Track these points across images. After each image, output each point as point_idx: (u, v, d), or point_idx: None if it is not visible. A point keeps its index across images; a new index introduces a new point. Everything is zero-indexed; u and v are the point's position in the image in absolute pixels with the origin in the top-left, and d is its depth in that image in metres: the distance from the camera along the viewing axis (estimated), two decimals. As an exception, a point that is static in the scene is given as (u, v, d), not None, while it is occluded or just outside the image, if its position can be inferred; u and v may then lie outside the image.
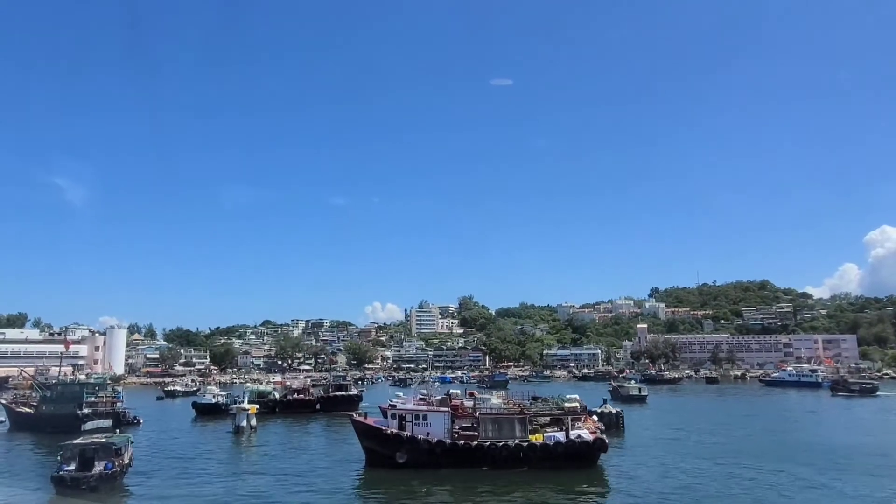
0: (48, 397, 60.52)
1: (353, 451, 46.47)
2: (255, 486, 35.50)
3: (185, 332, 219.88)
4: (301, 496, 33.04)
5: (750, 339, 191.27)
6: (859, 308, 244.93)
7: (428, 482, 34.19)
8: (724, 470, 37.56)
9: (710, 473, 36.80)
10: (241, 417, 56.34)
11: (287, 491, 34.10)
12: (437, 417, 38.45)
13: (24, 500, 32.04)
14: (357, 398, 78.49)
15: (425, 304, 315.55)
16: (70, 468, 32.16)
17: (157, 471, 39.58)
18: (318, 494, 33.74)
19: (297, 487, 34.92)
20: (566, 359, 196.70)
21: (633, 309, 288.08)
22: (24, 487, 34.47)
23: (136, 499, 32.23)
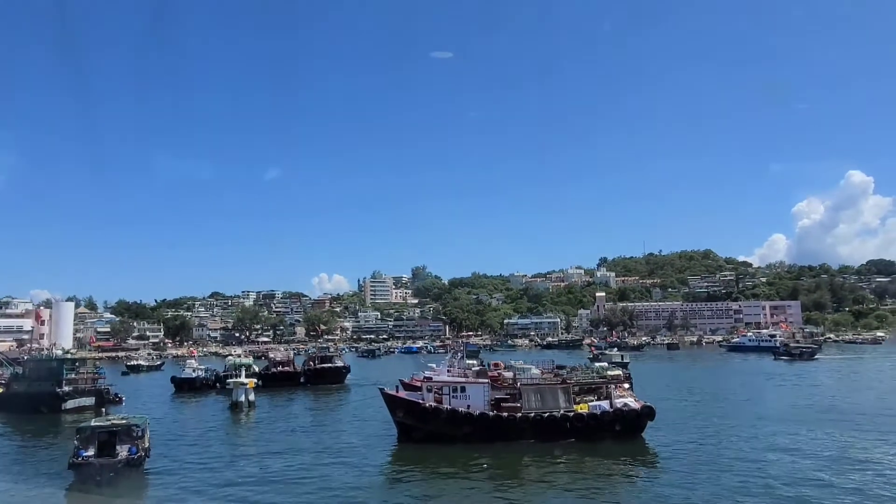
0: (21, 375, 55.93)
1: (372, 425, 45.05)
2: (291, 464, 33.36)
3: (134, 305, 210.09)
4: (344, 473, 31.22)
5: (702, 307, 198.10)
6: (795, 276, 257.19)
7: (470, 456, 32.97)
8: (763, 433, 37.82)
9: (750, 436, 37.00)
10: (238, 392, 53.48)
11: (328, 468, 32.18)
12: (477, 389, 37.12)
13: (45, 492, 29.21)
14: (345, 370, 76.37)
15: (378, 275, 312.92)
16: (89, 453, 29.11)
17: (171, 454, 36.80)
18: (358, 470, 32.11)
19: (336, 465, 33.07)
20: (527, 327, 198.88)
21: (584, 278, 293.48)
22: (32, 476, 31.36)
23: (172, 488, 29.32)
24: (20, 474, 32.15)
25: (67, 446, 39.65)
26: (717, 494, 25.70)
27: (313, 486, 28.68)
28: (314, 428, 45.11)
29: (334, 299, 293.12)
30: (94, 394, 54.62)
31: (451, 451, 34.22)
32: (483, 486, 28.42)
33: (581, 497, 26.37)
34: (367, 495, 27.62)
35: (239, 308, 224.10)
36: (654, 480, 28.50)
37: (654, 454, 33.50)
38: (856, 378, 75.75)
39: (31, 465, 34.98)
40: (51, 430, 47.45)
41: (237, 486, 29.00)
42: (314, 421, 48.51)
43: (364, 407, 55.86)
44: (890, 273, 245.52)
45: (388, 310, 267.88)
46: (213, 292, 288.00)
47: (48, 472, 32.21)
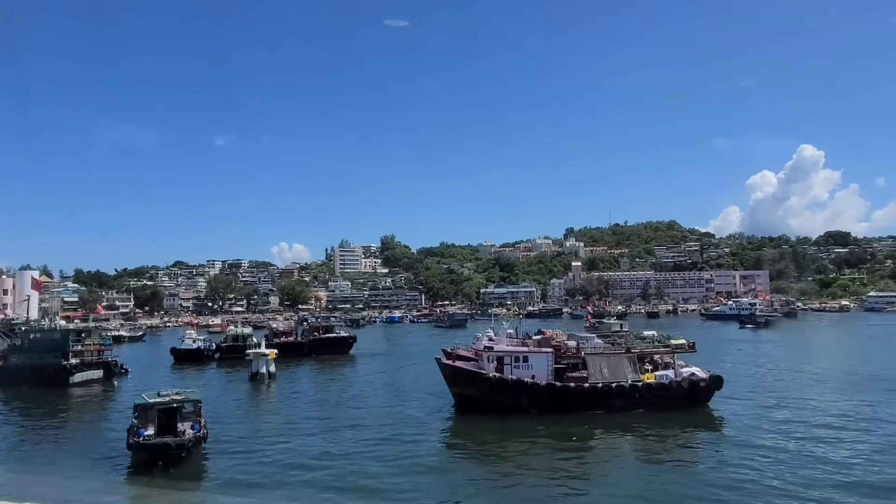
0: (20, 346, 52.10)
1: (413, 395, 43.62)
2: (350, 438, 31.49)
3: (97, 274, 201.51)
4: (415, 447, 29.74)
5: (675, 276, 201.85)
6: (757, 247, 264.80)
7: (536, 428, 32.00)
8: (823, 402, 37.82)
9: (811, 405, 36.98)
10: (259, 363, 51.05)
11: (396, 443, 30.44)
12: (540, 359, 35.92)
13: (107, 478, 26.68)
14: (351, 340, 74.29)
15: (346, 244, 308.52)
16: (149, 432, 26.71)
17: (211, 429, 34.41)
18: (425, 444, 30.70)
19: (397, 438, 31.29)
20: (503, 296, 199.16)
21: (553, 248, 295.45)
22: (82, 461, 28.69)
23: (235, 467, 27.07)
24: (67, 459, 29.37)
25: (98, 425, 37.42)
26: (789, 465, 25.28)
27: (383, 461, 27.13)
28: (351, 399, 43.16)
29: (302, 268, 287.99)
30: (101, 366, 51.43)
31: (516, 422, 33.13)
32: (552, 459, 27.37)
33: (658, 469, 25.70)
34: (442, 468, 26.58)
35: (212, 278, 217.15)
36: (729, 451, 27.67)
37: (724, 424, 32.98)
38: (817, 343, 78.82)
39: (71, 447, 32.06)
40: (67, 407, 44.48)
41: (303, 464, 27.05)
42: (345, 392, 46.52)
43: (387, 377, 54.40)
44: (846, 244, 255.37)
45: (358, 279, 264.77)
46: (176, 261, 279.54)
47: (97, 454, 29.50)
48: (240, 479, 25.88)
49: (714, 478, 23.79)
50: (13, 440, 33.98)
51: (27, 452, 31.07)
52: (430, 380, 49.69)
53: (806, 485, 22.62)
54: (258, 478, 25.69)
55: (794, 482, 22.90)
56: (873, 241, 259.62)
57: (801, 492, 21.92)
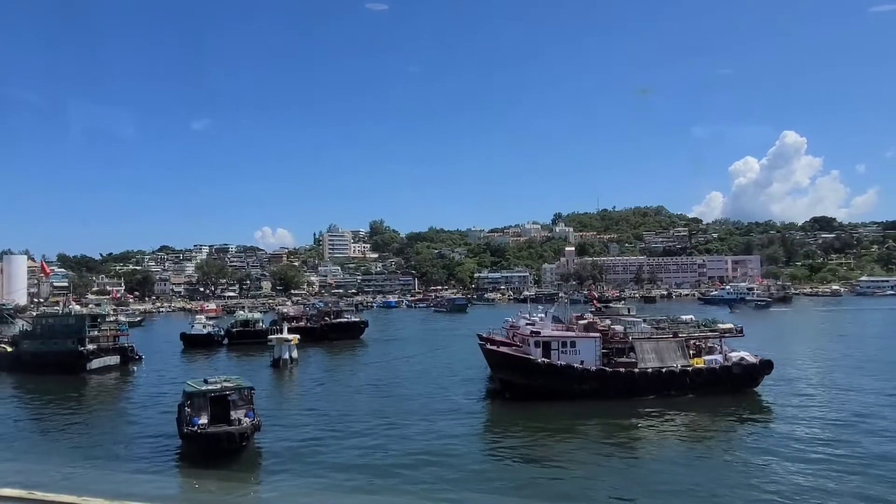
0: (32, 332, 50.35)
1: (443, 380, 42.89)
2: (401, 427, 30.47)
3: (83, 259, 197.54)
4: (466, 434, 29.17)
5: (668, 261, 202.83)
6: (745, 232, 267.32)
7: (586, 413, 31.54)
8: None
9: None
10: (282, 349, 49.85)
11: (445, 431, 29.60)
12: (588, 344, 35.25)
13: (161, 469, 25.55)
14: (363, 325, 73.21)
15: (335, 228, 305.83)
16: (203, 420, 25.61)
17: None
18: (474, 432, 30.03)
19: (451, 427, 30.40)
20: (497, 281, 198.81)
21: (542, 233, 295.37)
22: (128, 451, 27.50)
23: (289, 457, 26.04)
24: (110, 450, 28.13)
25: (130, 413, 36.09)
26: (844, 446, 25.09)
27: (435, 451, 26.18)
28: (386, 386, 42.10)
29: (291, 253, 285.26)
30: (118, 352, 49.92)
31: (565, 408, 32.55)
32: (603, 446, 26.86)
33: (712, 458, 25.22)
34: (493, 457, 25.92)
35: (203, 262, 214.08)
36: (785, 440, 27.17)
37: (778, 410, 32.63)
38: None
39: (108, 437, 30.76)
40: (89, 395, 43.09)
41: (354, 453, 26.13)
42: (376, 379, 45.42)
43: (415, 363, 53.37)
44: (832, 229, 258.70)
45: (348, 264, 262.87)
46: (162, 246, 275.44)
47: (141, 445, 28.36)
48: (296, 468, 24.97)
49: (771, 469, 23.18)
50: (44, 432, 32.61)
51: (63, 444, 29.79)
52: (461, 365, 49.17)
53: (863, 472, 22.16)
54: (312, 467, 24.81)
55: (850, 470, 22.45)
56: (858, 226, 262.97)
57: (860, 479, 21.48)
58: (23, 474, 24.49)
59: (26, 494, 4.49)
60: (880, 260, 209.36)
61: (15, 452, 28.35)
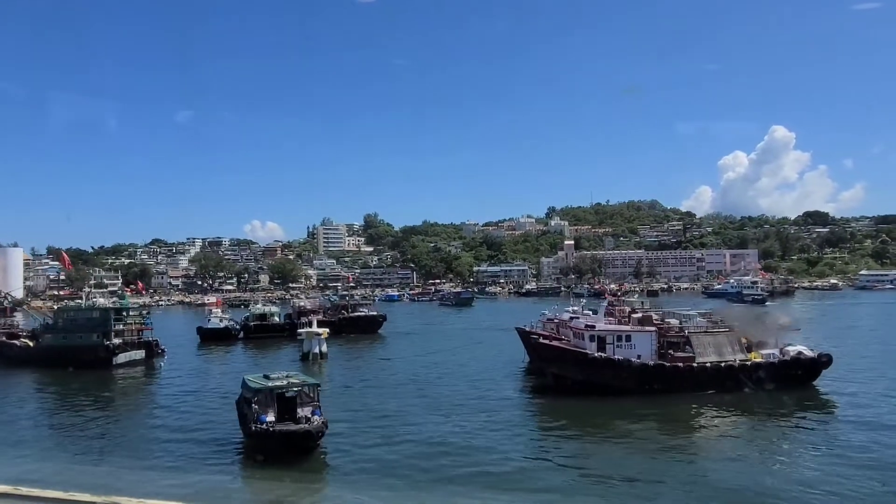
0: (54, 326, 48.87)
1: (485, 374, 42.04)
2: (452, 423, 29.56)
3: (77, 252, 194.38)
4: (520, 431, 28.53)
5: (667, 255, 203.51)
6: (739, 226, 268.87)
7: (642, 410, 30.80)
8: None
9: None
10: (312, 343, 48.79)
11: (497, 427, 28.90)
12: (643, 338, 34.65)
13: (226, 469, 24.53)
14: (381, 319, 72.20)
15: (328, 222, 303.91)
16: (270, 418, 24.62)
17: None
18: (527, 430, 29.30)
19: (502, 424, 29.57)
20: (496, 275, 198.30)
21: (538, 227, 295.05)
22: (188, 450, 26.41)
23: (356, 456, 25.06)
24: (162, 449, 27.02)
25: (175, 409, 34.86)
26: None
27: (488, 447, 25.47)
28: (425, 381, 41.04)
29: (285, 246, 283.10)
30: (142, 346, 48.64)
31: (621, 404, 31.91)
32: (662, 443, 26.19)
33: (774, 454, 24.64)
34: (548, 453, 25.16)
35: (202, 256, 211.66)
36: (850, 434, 26.70)
37: (839, 405, 32.09)
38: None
39: (157, 435, 29.54)
40: (120, 391, 41.90)
41: (412, 450, 25.27)
42: (412, 372, 44.42)
43: (444, 357, 52.40)
44: (826, 224, 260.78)
45: (343, 257, 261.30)
46: (154, 239, 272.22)
47: (198, 443, 27.24)
48: (364, 467, 24.08)
49: (837, 467, 22.44)
50: (83, 430, 31.04)
51: (107, 444, 28.33)
52: (496, 360, 48.46)
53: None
54: (379, 465, 23.87)
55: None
56: (850, 220, 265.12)
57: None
58: (85, 476, 23.20)
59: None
60: (874, 254, 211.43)
61: (53, 453, 27.30)
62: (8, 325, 54.06)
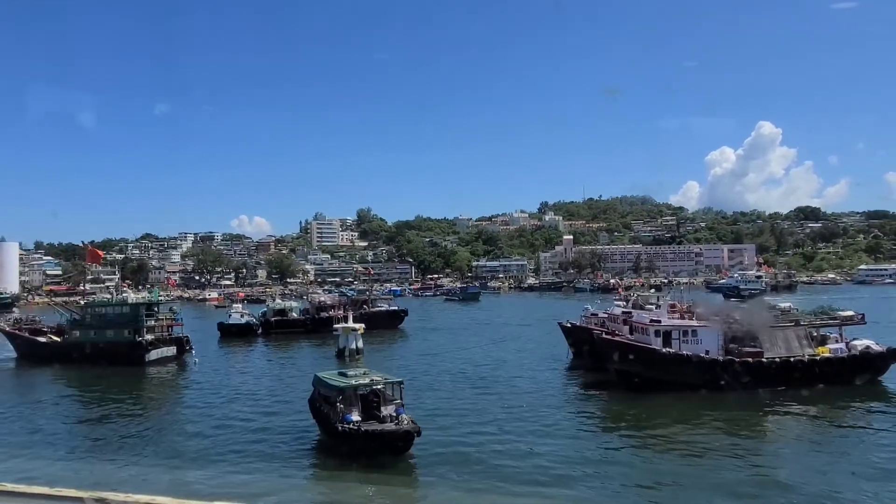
0: (82, 322, 47.20)
1: (533, 374, 41.10)
2: (514, 423, 28.52)
3: (69, 247, 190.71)
4: (590, 430, 27.99)
5: (665, 250, 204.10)
6: (732, 221, 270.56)
7: (711, 407, 30.13)
8: None
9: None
10: (349, 339, 47.64)
11: (563, 428, 28.13)
12: (710, 333, 33.91)
13: (310, 473, 23.44)
14: (403, 313, 71.10)
15: (321, 216, 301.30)
16: (355, 417, 23.58)
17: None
18: (593, 428, 28.62)
19: (566, 424, 28.87)
20: (496, 270, 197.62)
21: (532, 222, 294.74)
22: (265, 451, 25.26)
23: (434, 456, 24.10)
24: (239, 450, 25.81)
25: (228, 408, 33.57)
26: None
27: (557, 451, 24.47)
28: (477, 377, 39.97)
29: (279, 241, 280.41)
30: (174, 342, 47.17)
31: (688, 400, 31.28)
32: (735, 442, 25.34)
33: (852, 454, 23.88)
34: (617, 453, 24.52)
35: (200, 250, 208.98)
36: None
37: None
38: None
39: (227, 436, 28.19)
40: (160, 388, 40.61)
41: (495, 449, 24.40)
42: (455, 368, 43.32)
43: (482, 353, 51.28)
44: (818, 219, 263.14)
45: (338, 252, 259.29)
46: (145, 233, 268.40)
47: (269, 444, 26.07)
48: (449, 467, 23.10)
49: None
50: (139, 432, 29.68)
51: (171, 445, 27.01)
52: (535, 354, 47.66)
53: None
54: (461, 465, 22.91)
55: None
56: (842, 216, 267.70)
57: None
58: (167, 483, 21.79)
59: None
60: (868, 249, 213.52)
61: (91, 453, 26.09)
62: (30, 321, 52.21)
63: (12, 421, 32.20)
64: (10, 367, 47.66)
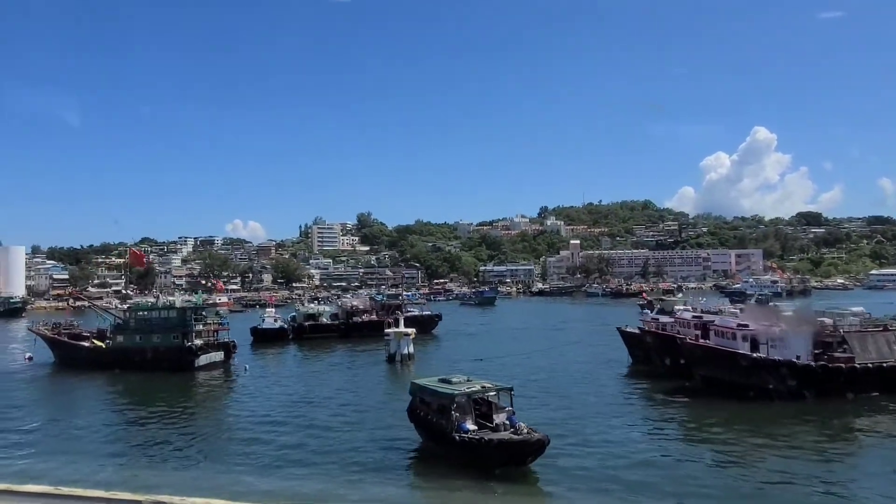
0: (125, 326, 45.62)
1: (600, 378, 40.03)
2: (598, 433, 27.56)
3: (71, 251, 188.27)
4: (678, 441, 26.94)
5: (673, 255, 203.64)
6: (733, 227, 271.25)
7: (802, 415, 29.27)
8: None
9: None
10: (401, 343, 46.28)
11: (657, 433, 27.54)
12: (799, 337, 32.77)
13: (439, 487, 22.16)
14: (437, 318, 69.85)
15: (321, 220, 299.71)
16: (472, 426, 22.38)
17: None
18: (679, 434, 27.85)
19: (661, 431, 28.13)
20: (503, 275, 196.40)
21: (533, 227, 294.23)
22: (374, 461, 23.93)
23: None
24: (341, 457, 24.52)
25: (301, 414, 32.16)
26: None
27: (652, 462, 23.78)
28: (544, 384, 38.70)
29: (279, 246, 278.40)
30: (221, 347, 45.73)
31: (777, 408, 30.26)
32: (829, 451, 24.49)
33: None
34: (707, 462, 23.73)
35: (208, 254, 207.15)
36: None
37: None
38: None
39: (321, 442, 26.87)
40: (214, 394, 39.19)
41: (609, 464, 23.31)
42: (524, 376, 41.30)
43: (530, 357, 50.05)
44: (819, 224, 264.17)
45: (339, 257, 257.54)
46: (144, 237, 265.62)
47: (374, 451, 24.86)
48: (569, 477, 21.98)
49: None
50: (198, 438, 28.31)
51: (272, 455, 25.51)
52: (593, 360, 46.55)
53: None
54: (580, 475, 21.91)
55: None
56: (843, 221, 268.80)
57: None
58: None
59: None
60: (872, 254, 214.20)
61: (154, 461, 24.78)
62: (69, 325, 50.53)
63: (62, 427, 31.09)
64: (50, 372, 46.06)
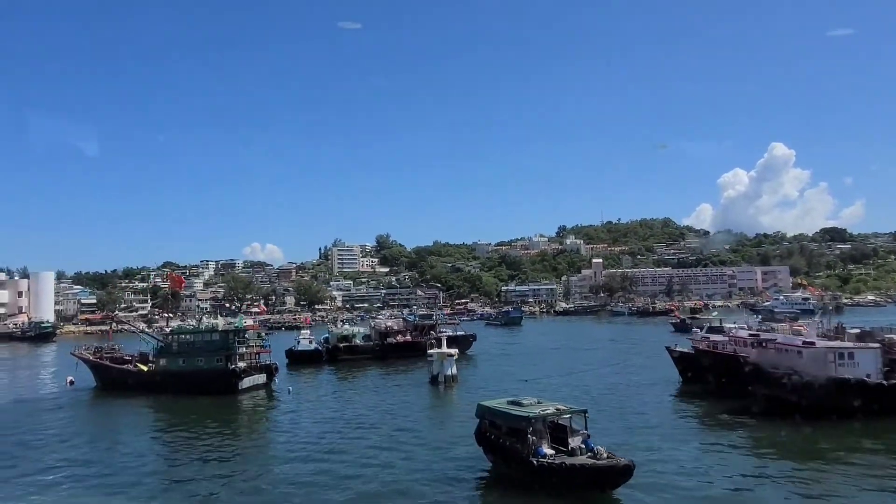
0: (168, 349, 45.41)
1: (656, 398, 38.95)
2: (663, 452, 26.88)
3: (97, 276, 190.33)
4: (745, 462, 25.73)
5: (697, 272, 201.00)
6: (756, 244, 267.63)
7: (874, 436, 28.24)
8: None
9: None
10: (444, 365, 45.52)
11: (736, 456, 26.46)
12: (868, 355, 31.78)
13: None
14: (472, 338, 69.11)
15: (340, 242, 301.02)
16: (549, 451, 21.61)
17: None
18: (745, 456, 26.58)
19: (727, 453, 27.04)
20: (525, 294, 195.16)
21: (552, 246, 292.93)
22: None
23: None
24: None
25: (359, 439, 31.48)
26: None
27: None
28: (611, 405, 37.43)
29: (300, 268, 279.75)
30: (263, 370, 45.34)
31: (844, 428, 29.15)
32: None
33: None
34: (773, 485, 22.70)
35: (231, 277, 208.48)
36: None
37: None
38: None
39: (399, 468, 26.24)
40: (260, 418, 38.61)
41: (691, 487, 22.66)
42: (575, 397, 40.17)
43: (574, 377, 49.00)
44: (844, 240, 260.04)
45: (359, 278, 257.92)
46: (166, 262, 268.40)
47: (443, 480, 24.06)
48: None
49: None
50: (255, 464, 27.75)
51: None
52: (644, 380, 45.43)
53: None
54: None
55: None
56: (869, 236, 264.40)
57: None
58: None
59: None
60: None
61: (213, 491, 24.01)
62: (110, 349, 50.50)
63: (110, 455, 30.21)
64: (93, 396, 45.87)
